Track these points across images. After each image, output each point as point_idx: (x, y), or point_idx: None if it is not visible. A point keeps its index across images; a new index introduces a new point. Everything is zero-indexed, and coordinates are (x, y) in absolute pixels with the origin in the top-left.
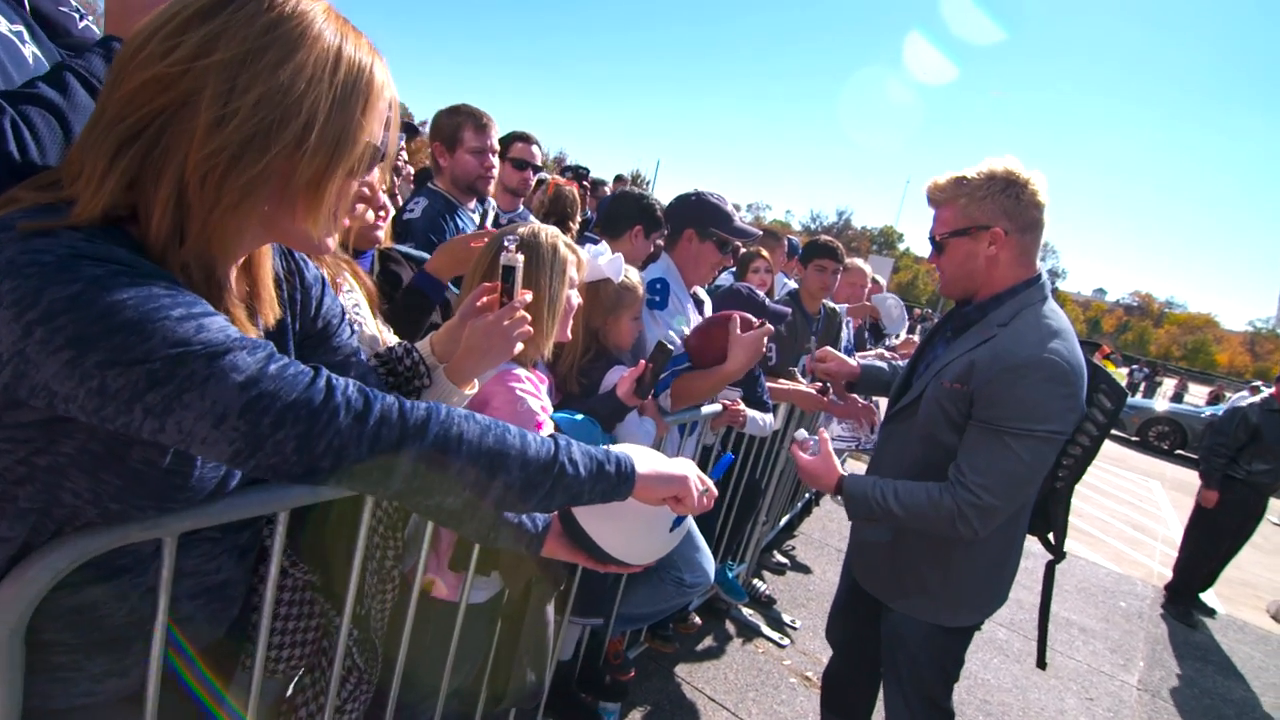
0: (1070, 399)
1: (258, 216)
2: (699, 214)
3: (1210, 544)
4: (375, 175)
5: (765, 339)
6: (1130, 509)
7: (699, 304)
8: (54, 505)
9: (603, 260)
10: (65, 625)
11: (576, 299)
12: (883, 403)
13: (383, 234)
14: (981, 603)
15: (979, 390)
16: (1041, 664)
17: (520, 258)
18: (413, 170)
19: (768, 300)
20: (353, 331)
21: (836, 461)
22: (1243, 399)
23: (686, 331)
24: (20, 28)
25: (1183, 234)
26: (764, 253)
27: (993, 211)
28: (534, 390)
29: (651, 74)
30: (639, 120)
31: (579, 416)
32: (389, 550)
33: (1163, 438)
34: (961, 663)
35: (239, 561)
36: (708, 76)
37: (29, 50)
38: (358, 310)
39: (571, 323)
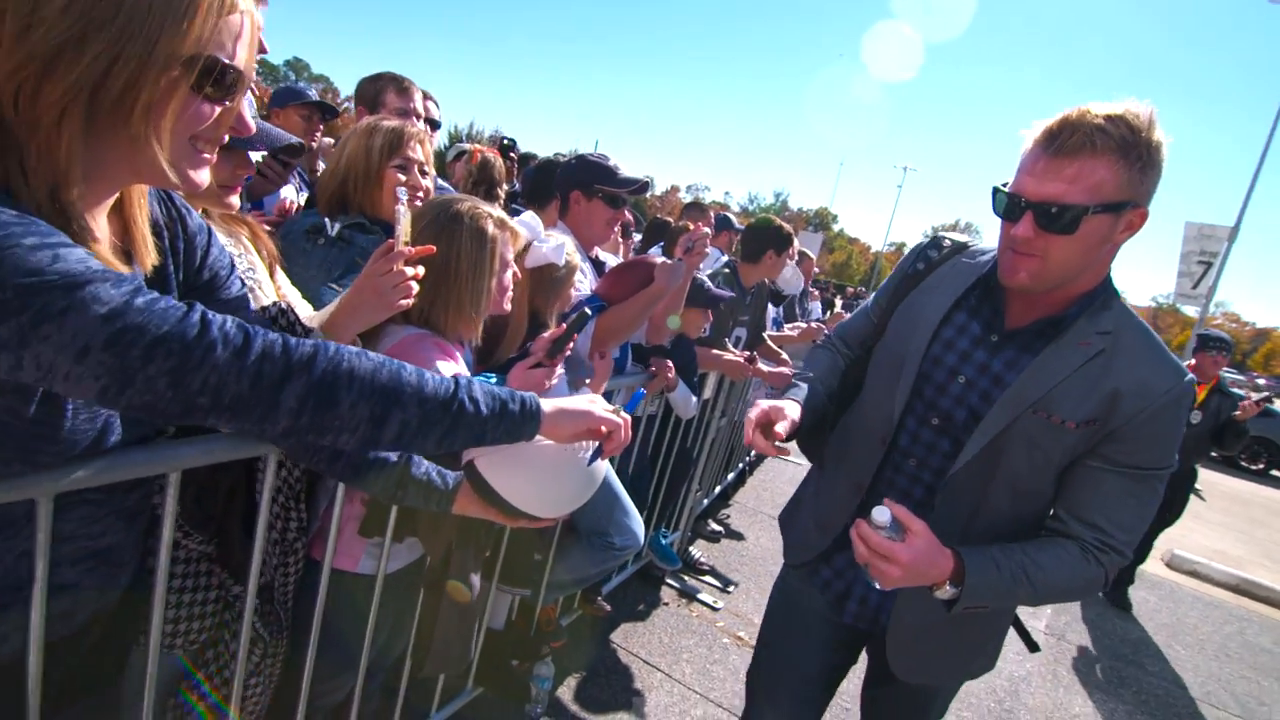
0: None
1: (95, 139)
2: (581, 174)
3: None
4: (420, 153)
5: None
6: None
7: (599, 266)
8: None
9: (546, 247)
10: None
11: (510, 277)
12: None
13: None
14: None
15: (1128, 429)
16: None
17: (404, 210)
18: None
19: (708, 282)
20: (244, 286)
21: (929, 535)
22: None
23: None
24: None
25: None
26: (690, 226)
27: (1148, 185)
28: (451, 356)
29: (588, 52)
30: (575, 100)
31: (493, 378)
32: (291, 521)
33: None
34: None
35: (127, 526)
36: (647, 56)
37: None
38: (252, 274)
39: (511, 304)
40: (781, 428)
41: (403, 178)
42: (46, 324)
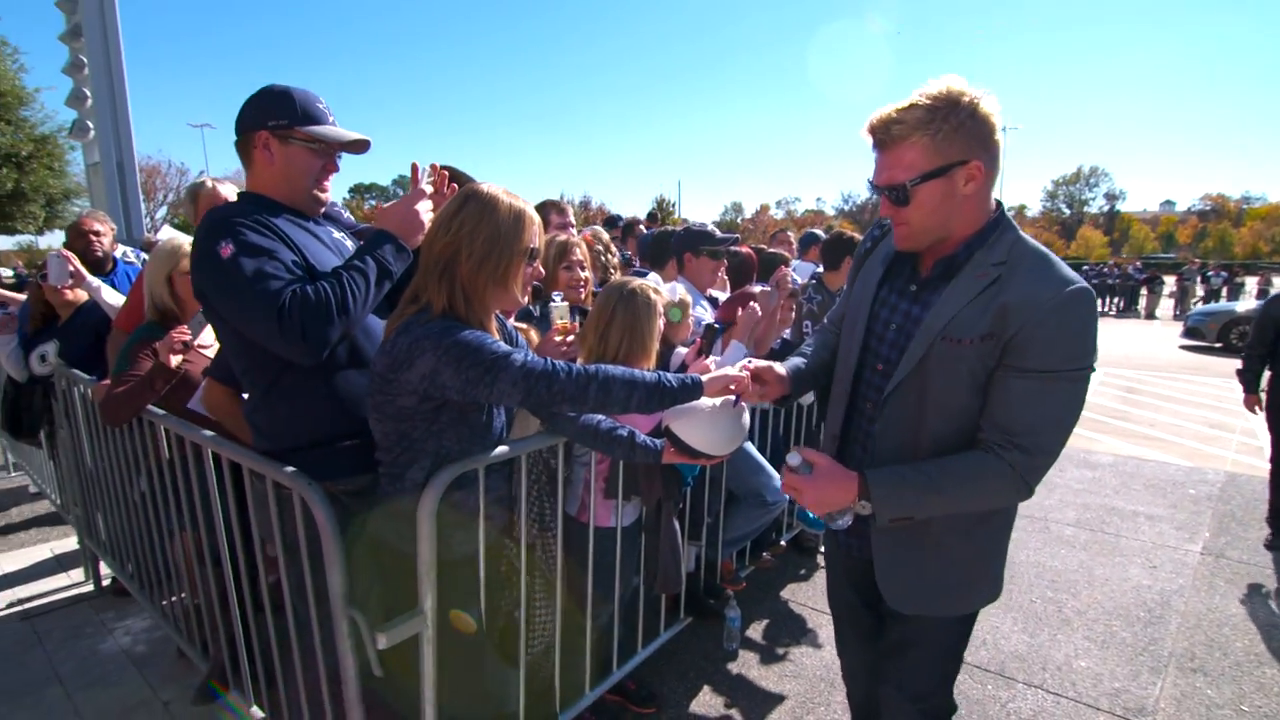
0: (1097, 325)
1: (495, 292)
2: (689, 240)
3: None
4: (578, 254)
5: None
6: (1208, 411)
7: (714, 303)
8: (440, 450)
9: (665, 289)
10: (447, 511)
11: (662, 324)
12: None
13: (583, 295)
14: (1000, 572)
15: (1021, 337)
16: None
17: (555, 305)
18: None
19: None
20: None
21: (833, 463)
22: None
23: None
24: (344, 233)
25: (1245, 123)
26: (786, 254)
27: (967, 143)
28: None
29: (652, 101)
30: (651, 147)
31: None
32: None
33: (1244, 338)
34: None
35: (507, 485)
36: (707, 90)
37: (350, 244)
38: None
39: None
40: (767, 374)
41: (585, 274)
42: (503, 372)
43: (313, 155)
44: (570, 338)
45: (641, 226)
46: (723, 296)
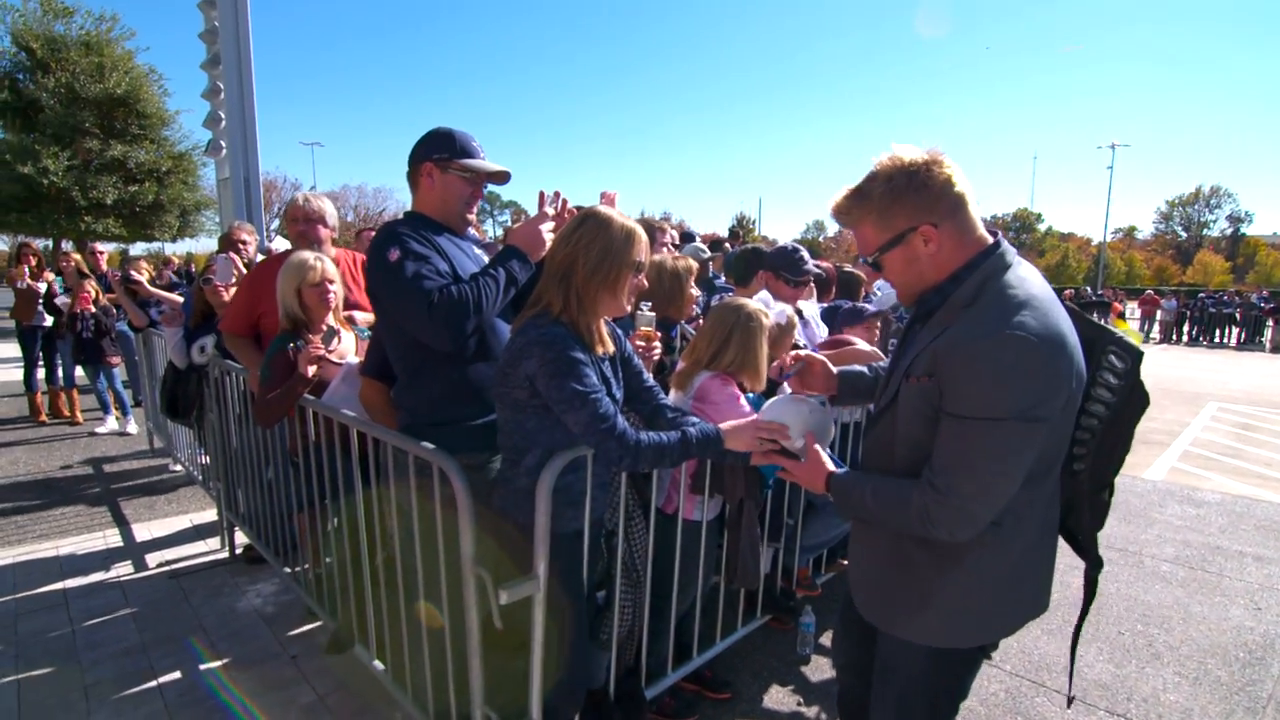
0: (1043, 376)
1: (604, 298)
2: (771, 261)
3: None
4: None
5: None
6: None
7: (800, 314)
8: (552, 440)
9: (775, 313)
10: (559, 492)
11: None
12: None
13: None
14: (991, 619)
15: (943, 379)
16: (1069, 698)
17: (641, 315)
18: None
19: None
20: (639, 362)
21: (825, 458)
22: None
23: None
24: (481, 249)
25: None
26: (861, 274)
27: (910, 212)
28: (734, 389)
29: (734, 118)
30: (732, 164)
31: (751, 397)
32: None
33: None
34: (960, 693)
35: (605, 471)
36: (790, 107)
37: (486, 258)
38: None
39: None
40: (815, 364)
41: (696, 293)
42: (572, 411)
43: (464, 183)
44: (656, 344)
45: (727, 245)
46: (807, 307)
